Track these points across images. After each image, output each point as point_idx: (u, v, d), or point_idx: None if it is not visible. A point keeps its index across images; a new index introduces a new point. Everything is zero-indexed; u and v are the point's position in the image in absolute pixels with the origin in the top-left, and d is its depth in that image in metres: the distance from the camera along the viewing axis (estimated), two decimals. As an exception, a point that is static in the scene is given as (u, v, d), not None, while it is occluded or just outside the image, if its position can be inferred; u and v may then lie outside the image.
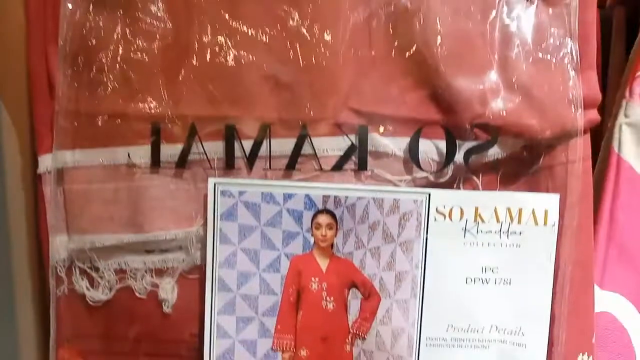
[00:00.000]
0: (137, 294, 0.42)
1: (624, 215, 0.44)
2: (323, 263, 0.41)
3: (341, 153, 0.39)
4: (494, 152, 0.40)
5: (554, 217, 0.40)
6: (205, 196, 0.40)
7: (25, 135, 0.46)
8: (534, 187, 0.41)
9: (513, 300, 0.41)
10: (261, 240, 0.41)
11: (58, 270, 0.43)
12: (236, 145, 0.40)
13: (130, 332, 0.42)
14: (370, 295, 0.41)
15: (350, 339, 0.42)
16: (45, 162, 0.43)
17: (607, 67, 0.49)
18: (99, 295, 0.43)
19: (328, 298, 0.42)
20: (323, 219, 0.40)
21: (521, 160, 0.41)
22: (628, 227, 0.44)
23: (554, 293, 0.40)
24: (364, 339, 0.42)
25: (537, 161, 0.41)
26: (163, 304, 0.42)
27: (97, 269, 0.43)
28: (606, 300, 0.45)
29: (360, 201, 0.40)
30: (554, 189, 0.40)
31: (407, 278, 0.41)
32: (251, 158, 0.40)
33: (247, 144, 0.40)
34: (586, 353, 0.43)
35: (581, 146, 0.40)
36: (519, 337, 0.41)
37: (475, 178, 0.41)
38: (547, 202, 0.40)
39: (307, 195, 0.40)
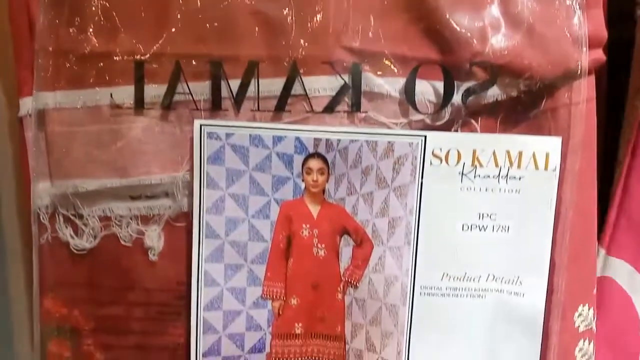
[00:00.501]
0: (122, 242, 0.41)
1: (636, 187, 0.43)
2: (314, 209, 0.40)
3: (333, 93, 0.38)
4: (494, 93, 0.38)
5: (555, 161, 0.38)
6: (192, 139, 0.39)
7: (11, 81, 0.44)
8: (535, 132, 0.39)
9: (511, 248, 0.39)
10: (250, 186, 0.39)
11: (41, 218, 0.42)
12: (223, 85, 0.38)
13: (115, 281, 0.41)
14: (362, 242, 0.40)
15: (342, 287, 0.41)
16: (27, 105, 0.41)
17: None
18: (83, 243, 0.42)
19: (319, 245, 0.40)
20: (314, 163, 0.39)
21: (522, 103, 0.39)
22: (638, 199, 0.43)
23: (554, 241, 0.39)
24: (356, 287, 0.41)
25: (539, 103, 0.39)
26: (149, 252, 0.41)
27: (81, 216, 0.41)
28: (612, 266, 0.44)
29: (353, 144, 0.38)
30: (556, 132, 0.38)
31: (400, 224, 0.39)
32: (239, 99, 0.38)
33: (235, 84, 0.38)
34: (587, 304, 0.42)
35: (585, 87, 0.38)
36: (516, 287, 0.40)
37: (473, 122, 0.39)
38: (548, 145, 0.38)
39: (297, 138, 0.38)
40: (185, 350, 0.41)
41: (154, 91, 0.39)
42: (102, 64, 0.39)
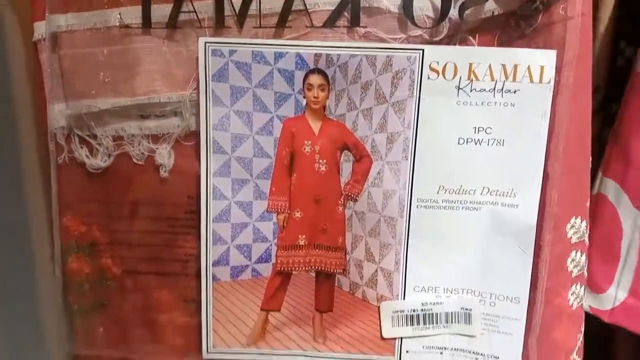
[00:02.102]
0: (135, 160, 0.43)
1: (628, 121, 0.48)
2: (315, 125, 0.42)
3: (333, 7, 0.39)
4: (490, 7, 0.39)
5: (550, 74, 0.39)
6: (197, 59, 0.40)
7: (25, 6, 0.46)
8: (531, 47, 0.40)
9: (505, 161, 0.40)
10: (253, 103, 0.41)
11: (58, 139, 0.44)
12: (226, 3, 0.39)
13: (129, 197, 0.44)
14: (362, 158, 0.42)
15: (342, 201, 0.43)
16: (40, 29, 0.43)
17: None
18: (98, 162, 0.44)
19: (321, 161, 0.42)
20: (314, 79, 0.40)
21: (518, 17, 0.39)
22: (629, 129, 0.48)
23: (547, 153, 0.40)
24: (355, 200, 0.43)
25: (535, 18, 0.39)
26: (160, 168, 0.43)
27: (95, 136, 0.44)
28: (605, 185, 0.49)
29: (352, 59, 0.39)
30: (552, 46, 0.39)
31: (398, 139, 0.41)
32: (241, 16, 0.39)
33: (237, 1, 0.39)
34: (579, 217, 0.43)
35: (580, 1, 0.39)
36: (510, 199, 0.41)
37: (471, 38, 0.40)
38: (543, 59, 0.38)
39: (298, 55, 0.39)
40: (196, 260, 0.44)
41: (161, 11, 0.40)
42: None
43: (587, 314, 0.48)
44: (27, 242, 0.50)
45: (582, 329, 0.45)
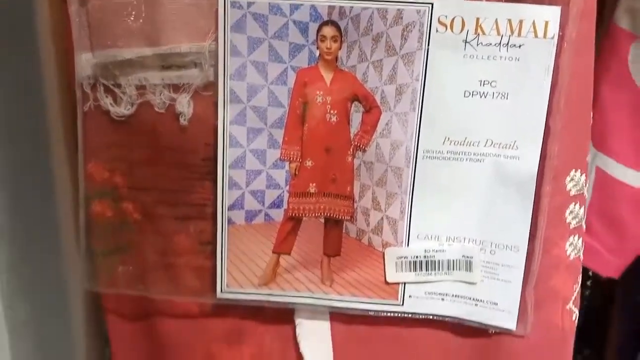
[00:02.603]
0: (156, 109, 0.46)
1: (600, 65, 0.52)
2: (327, 76, 0.44)
3: (347, -39, 0.40)
4: (499, -37, 0.40)
5: (553, 29, 0.40)
6: (217, 10, 0.43)
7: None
8: (537, 3, 0.41)
9: (509, 114, 0.42)
10: (269, 53, 0.43)
11: (84, 87, 0.47)
12: (245, -44, 0.41)
13: (150, 144, 0.46)
14: (371, 109, 0.44)
15: (351, 151, 0.45)
16: (69, -19, 0.46)
17: None
18: (122, 110, 0.47)
19: (332, 111, 0.44)
20: (328, 30, 0.42)
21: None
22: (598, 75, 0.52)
23: (549, 107, 0.42)
24: (364, 151, 0.45)
25: (542, -27, 0.41)
26: (180, 117, 0.46)
27: (119, 85, 0.46)
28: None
29: (364, 12, 0.41)
30: (557, 2, 0.40)
31: (407, 91, 0.43)
32: (259, -31, 0.41)
33: (256, -45, 0.41)
34: (579, 170, 0.45)
35: (586, -42, 0.40)
36: (512, 151, 0.43)
37: (480, -6, 0.42)
38: (548, 14, 0.40)
39: (312, 6, 0.41)
40: (213, 205, 0.46)
41: (182, -39, 0.42)
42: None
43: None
44: (51, 190, 0.54)
45: (579, 280, 0.47)
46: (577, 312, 0.48)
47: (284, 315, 0.49)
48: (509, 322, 0.45)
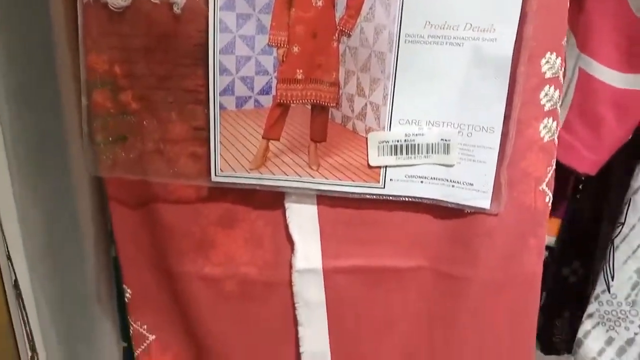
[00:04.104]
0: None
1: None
2: (313, -39, 0.45)
3: None
4: None
5: None
6: None
7: None
8: None
9: (487, -2, 0.44)
10: (257, -63, 0.44)
11: (82, -21, 0.49)
12: None
13: (147, 32, 0.48)
14: (355, -7, 0.45)
15: (337, 36, 0.47)
16: None
17: None
18: (119, 1, 0.49)
19: (318, -4, 0.46)
20: None
21: None
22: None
23: (526, -11, 0.43)
24: (349, 35, 0.47)
25: None
26: (174, 6, 0.48)
27: (115, -25, 0.48)
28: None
29: None
30: None
31: (389, -26, 0.44)
32: None
33: None
34: (554, 53, 0.46)
35: None
36: (490, 34, 0.45)
37: None
38: None
39: None
40: (205, 92, 0.49)
41: None
42: None
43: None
44: (55, 82, 0.56)
45: (553, 164, 0.50)
46: (550, 195, 0.50)
47: (275, 202, 0.53)
48: (484, 201, 0.48)
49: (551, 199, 0.50)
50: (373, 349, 0.55)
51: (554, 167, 0.50)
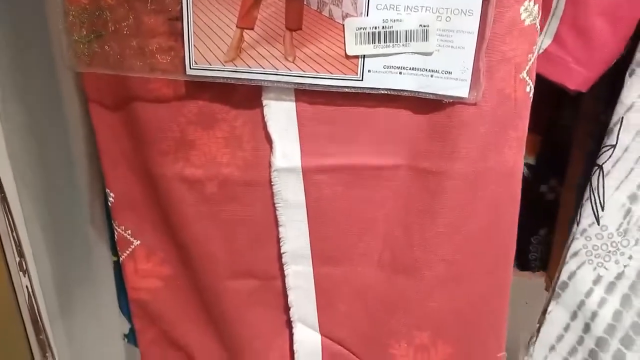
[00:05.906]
0: None
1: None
2: None
3: None
4: None
5: None
6: None
7: None
8: None
9: None
10: None
11: None
12: None
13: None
14: None
15: None
16: None
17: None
18: None
19: None
20: None
21: None
22: None
23: None
24: None
25: None
26: None
27: None
28: None
29: None
30: None
31: None
32: None
33: None
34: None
35: None
36: None
37: None
38: None
39: None
40: None
41: None
42: None
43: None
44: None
45: (534, 52, 0.48)
46: (532, 85, 0.49)
47: (253, 99, 0.52)
48: (462, 90, 0.47)
49: (532, 89, 0.49)
50: (353, 247, 0.55)
51: (535, 54, 0.49)
